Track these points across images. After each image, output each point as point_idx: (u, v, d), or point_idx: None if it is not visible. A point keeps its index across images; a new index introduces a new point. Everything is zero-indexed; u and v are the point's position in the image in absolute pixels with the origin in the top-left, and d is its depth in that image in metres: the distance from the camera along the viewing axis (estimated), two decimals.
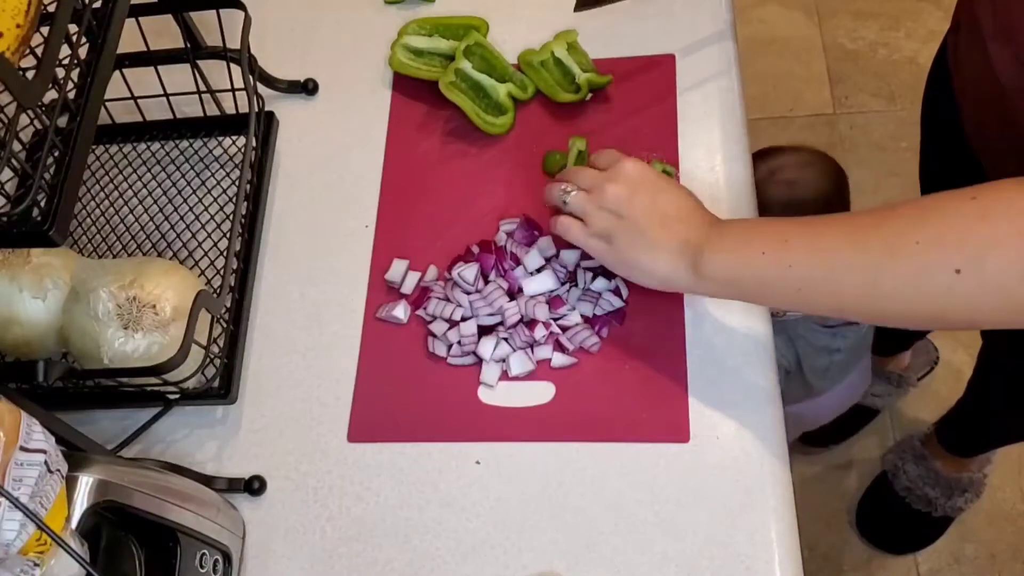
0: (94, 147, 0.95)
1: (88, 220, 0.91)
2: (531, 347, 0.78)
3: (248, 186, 0.85)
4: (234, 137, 0.93)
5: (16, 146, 0.53)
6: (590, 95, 0.89)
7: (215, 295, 0.76)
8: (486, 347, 0.77)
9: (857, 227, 0.61)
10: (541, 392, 0.77)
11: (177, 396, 0.78)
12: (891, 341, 1.52)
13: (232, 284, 0.82)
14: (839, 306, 0.63)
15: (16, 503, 0.48)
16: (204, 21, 0.86)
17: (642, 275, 0.72)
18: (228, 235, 0.85)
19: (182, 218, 0.90)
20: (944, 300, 0.57)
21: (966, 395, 1.32)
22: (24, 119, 0.55)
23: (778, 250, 0.63)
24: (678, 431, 0.74)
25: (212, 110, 0.91)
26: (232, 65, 0.86)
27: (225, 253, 0.83)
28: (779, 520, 0.70)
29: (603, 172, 0.74)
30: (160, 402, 0.79)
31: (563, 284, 0.80)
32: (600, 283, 0.79)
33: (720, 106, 0.87)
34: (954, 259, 0.56)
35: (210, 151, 0.93)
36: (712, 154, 0.84)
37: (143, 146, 0.95)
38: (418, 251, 0.84)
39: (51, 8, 0.56)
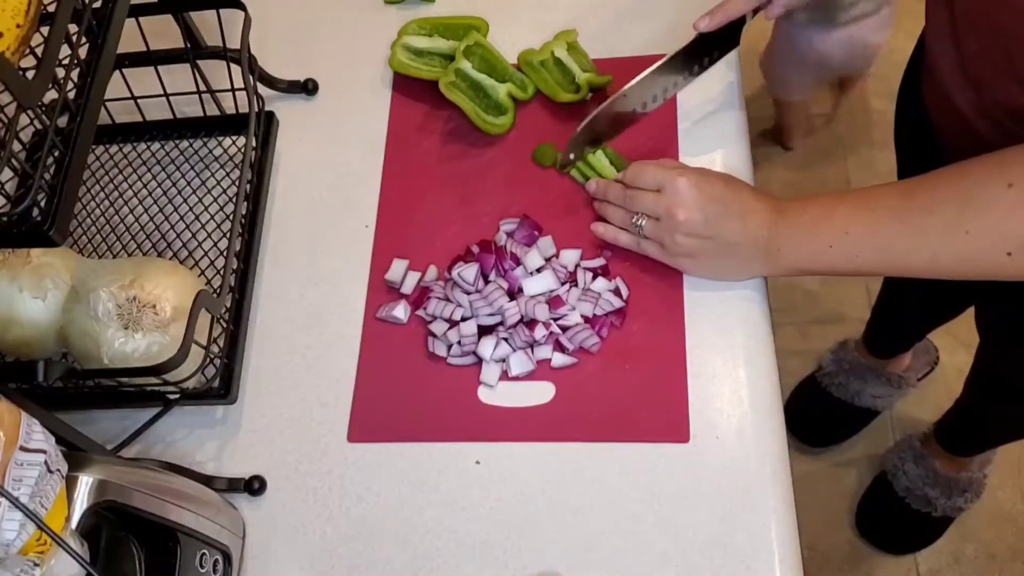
0: (94, 147, 0.95)
1: (88, 220, 0.91)
2: (531, 347, 0.78)
3: (248, 186, 0.85)
4: (234, 137, 0.93)
5: (16, 146, 0.53)
6: (590, 95, 0.89)
7: (215, 295, 0.76)
8: (486, 347, 0.77)
9: (910, 212, 0.66)
10: (541, 392, 0.77)
11: (177, 396, 0.78)
12: (891, 343, 1.52)
13: (232, 284, 0.82)
14: (906, 275, 0.70)
15: (16, 503, 0.48)
16: (204, 21, 0.86)
17: (727, 276, 0.78)
18: (228, 235, 0.86)
19: (182, 218, 0.90)
20: (999, 271, 0.65)
21: (963, 394, 1.32)
22: (24, 119, 0.55)
23: (842, 243, 0.70)
24: (678, 431, 0.74)
25: (212, 110, 0.91)
26: (232, 65, 0.86)
27: (225, 253, 0.83)
28: (779, 520, 0.70)
29: (660, 196, 0.76)
30: (160, 402, 0.79)
31: (563, 284, 0.80)
32: (600, 283, 0.79)
33: (720, 106, 0.87)
34: (1004, 245, 0.63)
35: (210, 151, 0.93)
36: (712, 154, 0.84)
37: (143, 146, 0.95)
38: (418, 251, 0.84)
39: (51, 8, 0.56)
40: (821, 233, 0.71)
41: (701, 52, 0.83)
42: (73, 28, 0.58)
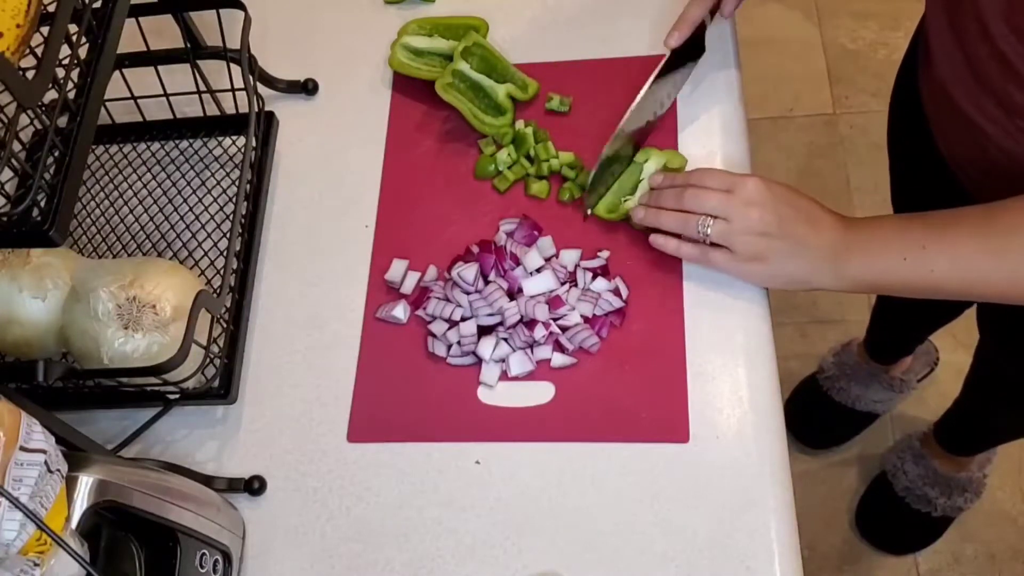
0: (94, 147, 0.95)
1: (88, 220, 0.91)
2: (531, 347, 0.78)
3: (248, 186, 0.85)
4: (234, 137, 0.93)
5: (16, 146, 0.53)
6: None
7: (215, 295, 0.76)
8: (486, 347, 0.77)
9: (991, 232, 0.66)
10: (541, 392, 0.77)
11: (177, 396, 0.78)
12: (893, 349, 1.52)
13: (232, 284, 0.82)
14: (982, 294, 0.70)
15: (16, 503, 0.48)
16: (204, 21, 0.86)
17: (790, 283, 0.75)
18: (228, 235, 0.86)
19: (182, 218, 0.90)
20: None
21: (962, 394, 1.33)
22: (24, 119, 0.55)
23: (918, 257, 0.68)
24: (678, 431, 0.74)
25: (212, 110, 0.91)
26: (232, 65, 0.86)
27: (225, 253, 0.83)
28: (779, 520, 0.70)
29: (730, 196, 0.74)
30: (160, 402, 0.79)
31: (563, 284, 0.80)
32: (600, 283, 0.79)
33: (720, 106, 0.87)
34: None
35: (210, 151, 0.93)
36: (712, 154, 0.84)
37: (143, 146, 0.95)
38: (418, 251, 0.84)
39: (51, 8, 0.56)
40: (895, 246, 0.70)
41: (676, 65, 0.84)
42: (73, 28, 0.58)
